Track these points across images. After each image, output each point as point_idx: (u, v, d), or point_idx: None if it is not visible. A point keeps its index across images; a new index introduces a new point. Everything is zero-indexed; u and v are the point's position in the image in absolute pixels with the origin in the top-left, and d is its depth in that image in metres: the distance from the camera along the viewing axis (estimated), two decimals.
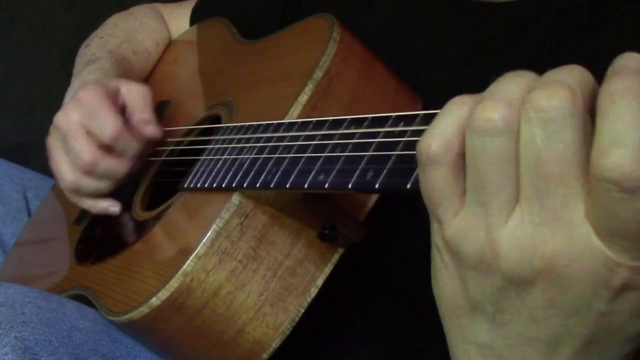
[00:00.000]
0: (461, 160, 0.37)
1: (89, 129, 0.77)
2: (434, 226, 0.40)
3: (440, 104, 0.43)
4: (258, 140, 0.61)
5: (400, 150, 0.44)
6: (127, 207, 0.81)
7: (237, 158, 0.62)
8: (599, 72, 0.35)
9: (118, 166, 0.78)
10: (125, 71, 0.94)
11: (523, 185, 0.35)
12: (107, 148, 0.77)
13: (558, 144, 0.34)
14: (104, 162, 0.77)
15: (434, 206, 0.38)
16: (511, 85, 0.36)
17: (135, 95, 0.82)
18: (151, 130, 0.79)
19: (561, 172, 0.34)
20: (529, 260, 0.36)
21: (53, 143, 0.81)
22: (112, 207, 0.82)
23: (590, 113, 0.34)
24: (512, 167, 0.36)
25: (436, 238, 0.40)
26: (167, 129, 0.88)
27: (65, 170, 0.79)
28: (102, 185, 0.80)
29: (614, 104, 0.33)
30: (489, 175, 0.36)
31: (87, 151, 0.77)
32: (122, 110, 0.81)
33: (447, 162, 0.37)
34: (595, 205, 0.34)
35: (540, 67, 0.65)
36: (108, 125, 0.76)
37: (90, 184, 0.79)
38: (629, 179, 0.32)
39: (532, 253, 0.36)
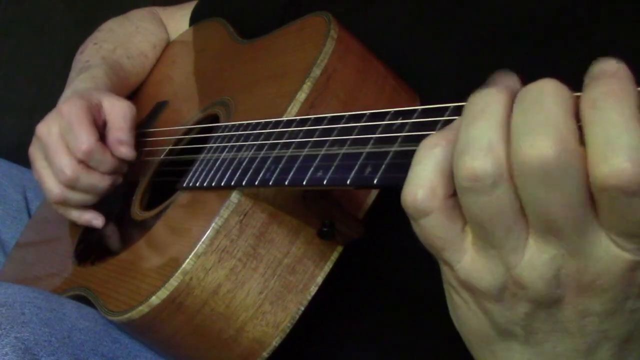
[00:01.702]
0: (450, 202, 0.36)
1: (66, 142, 0.78)
2: (444, 269, 0.39)
3: (438, 101, 0.43)
4: (256, 138, 0.61)
5: (399, 146, 0.44)
6: (126, 207, 0.81)
7: (236, 156, 0.62)
8: None
9: (99, 181, 0.80)
10: (119, 77, 0.94)
11: (533, 226, 0.35)
12: (85, 163, 0.78)
13: (562, 197, 0.33)
14: (85, 177, 0.79)
15: (438, 252, 0.38)
16: (484, 129, 0.34)
17: (116, 112, 0.82)
18: (124, 151, 0.80)
19: (570, 214, 0.33)
20: (555, 283, 0.35)
21: (35, 153, 0.82)
22: (95, 220, 0.83)
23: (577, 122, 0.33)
24: (515, 209, 0.34)
25: (449, 279, 0.39)
26: (165, 128, 0.88)
27: (51, 183, 0.80)
28: (87, 198, 0.81)
29: (599, 110, 0.32)
30: (493, 226, 0.35)
31: (68, 166, 0.78)
32: (103, 125, 0.82)
33: (437, 207, 0.36)
34: (606, 214, 0.33)
35: (539, 64, 0.65)
36: (82, 140, 0.77)
37: (76, 197, 0.81)
38: (632, 181, 0.31)
39: (557, 276, 0.35)
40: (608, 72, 0.33)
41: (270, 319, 0.60)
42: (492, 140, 0.34)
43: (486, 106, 0.35)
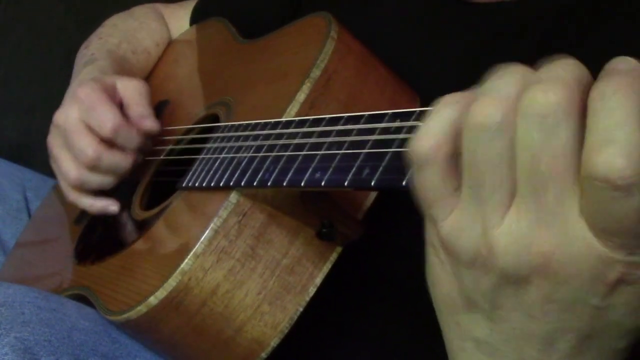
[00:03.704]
0: (454, 159, 0.37)
1: (88, 124, 0.78)
2: (429, 225, 0.40)
3: None
4: (255, 138, 0.61)
5: (397, 148, 0.44)
6: (126, 206, 0.81)
7: (235, 157, 0.62)
8: (599, 72, 0.35)
9: (122, 160, 0.79)
10: (124, 70, 0.94)
11: (520, 182, 0.35)
12: (109, 142, 0.78)
13: (555, 141, 0.34)
14: (107, 156, 0.78)
15: (428, 205, 0.39)
16: (507, 82, 0.36)
17: (132, 90, 0.82)
18: (149, 123, 0.80)
19: (558, 169, 0.34)
20: (526, 257, 0.36)
21: (54, 141, 0.82)
22: (111, 206, 0.82)
23: (582, 112, 0.34)
24: (509, 165, 0.35)
25: (431, 237, 0.40)
26: (165, 128, 0.88)
27: (69, 167, 0.80)
28: (106, 180, 0.80)
29: (605, 102, 0.32)
30: (486, 174, 0.36)
31: (90, 146, 0.77)
32: (119, 106, 0.82)
33: (440, 160, 0.37)
34: (588, 203, 0.34)
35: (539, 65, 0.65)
36: (108, 118, 0.77)
37: (95, 179, 0.80)
38: (621, 176, 0.31)
39: (528, 250, 0.35)
40: (623, 69, 0.34)
41: (268, 319, 0.61)
42: (509, 92, 0.36)
43: (512, 68, 0.37)
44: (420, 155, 0.38)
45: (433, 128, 0.38)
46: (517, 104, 0.35)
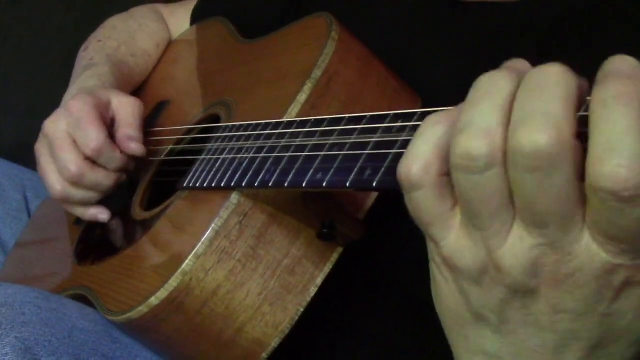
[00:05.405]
0: (444, 179, 0.37)
1: (75, 139, 0.78)
2: (430, 245, 0.39)
3: (440, 104, 0.43)
4: (257, 139, 0.61)
5: (399, 149, 0.44)
6: (126, 207, 0.81)
7: (236, 157, 0.62)
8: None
9: (104, 179, 0.79)
10: (123, 75, 0.94)
11: (520, 211, 0.35)
12: (93, 160, 0.78)
13: (550, 188, 0.33)
14: (90, 174, 0.78)
15: (425, 227, 0.38)
16: (485, 112, 0.34)
17: (125, 110, 0.82)
18: (134, 147, 0.80)
19: (556, 208, 0.33)
20: (533, 272, 0.36)
21: (41, 149, 0.82)
22: (100, 214, 0.82)
23: (580, 118, 0.33)
24: (504, 194, 0.35)
25: (434, 255, 0.40)
26: (165, 128, 0.88)
27: (54, 180, 0.80)
28: (90, 195, 0.81)
29: (607, 110, 0.32)
30: (481, 207, 0.35)
31: (73, 162, 0.77)
32: (111, 123, 0.82)
33: (430, 183, 0.37)
34: (594, 212, 0.33)
35: None
36: (92, 137, 0.77)
37: (79, 194, 0.80)
38: (626, 188, 0.31)
39: (535, 265, 0.35)
40: (624, 72, 0.33)
41: (269, 319, 0.61)
42: (490, 124, 0.34)
43: (490, 89, 0.35)
44: (409, 179, 0.37)
45: (419, 150, 0.37)
46: (503, 142, 0.34)
